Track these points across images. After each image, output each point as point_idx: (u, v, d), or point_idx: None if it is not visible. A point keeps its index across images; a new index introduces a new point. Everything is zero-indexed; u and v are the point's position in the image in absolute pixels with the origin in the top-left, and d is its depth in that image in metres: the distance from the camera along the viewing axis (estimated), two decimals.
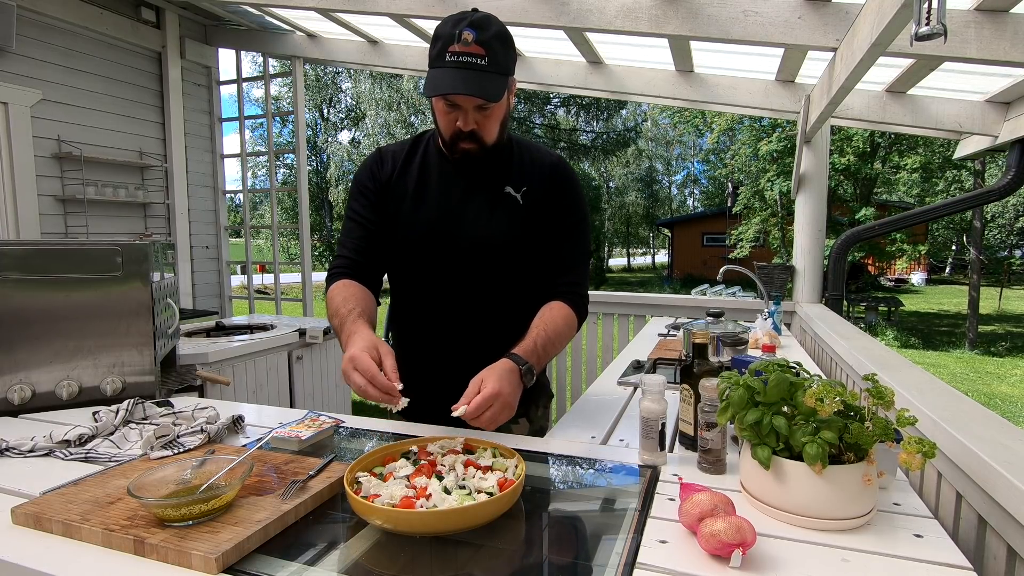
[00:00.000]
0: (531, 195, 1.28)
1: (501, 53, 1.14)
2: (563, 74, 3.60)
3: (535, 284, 1.31)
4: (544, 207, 1.29)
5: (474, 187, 1.28)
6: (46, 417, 1.34)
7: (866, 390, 0.86)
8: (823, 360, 2.37)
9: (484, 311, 1.31)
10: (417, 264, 1.31)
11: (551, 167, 1.32)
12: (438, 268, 1.29)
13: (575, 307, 1.29)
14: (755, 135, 15.95)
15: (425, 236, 1.27)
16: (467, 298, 1.30)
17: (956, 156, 3.31)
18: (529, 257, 1.30)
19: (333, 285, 1.26)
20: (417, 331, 1.36)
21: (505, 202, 1.27)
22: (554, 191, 1.30)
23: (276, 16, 4.06)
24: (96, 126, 3.74)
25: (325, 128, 21.87)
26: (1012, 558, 0.82)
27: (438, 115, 1.21)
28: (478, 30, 1.11)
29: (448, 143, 1.22)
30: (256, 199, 16.65)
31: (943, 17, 1.27)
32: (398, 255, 1.32)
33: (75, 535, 0.79)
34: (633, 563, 0.74)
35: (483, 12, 1.15)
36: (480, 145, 1.20)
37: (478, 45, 1.10)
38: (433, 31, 1.16)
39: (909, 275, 21.40)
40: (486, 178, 1.28)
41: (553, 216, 1.30)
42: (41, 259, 1.36)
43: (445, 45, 1.11)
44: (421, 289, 1.33)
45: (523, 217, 1.27)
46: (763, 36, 2.28)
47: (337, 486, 0.93)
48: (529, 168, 1.30)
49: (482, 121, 1.18)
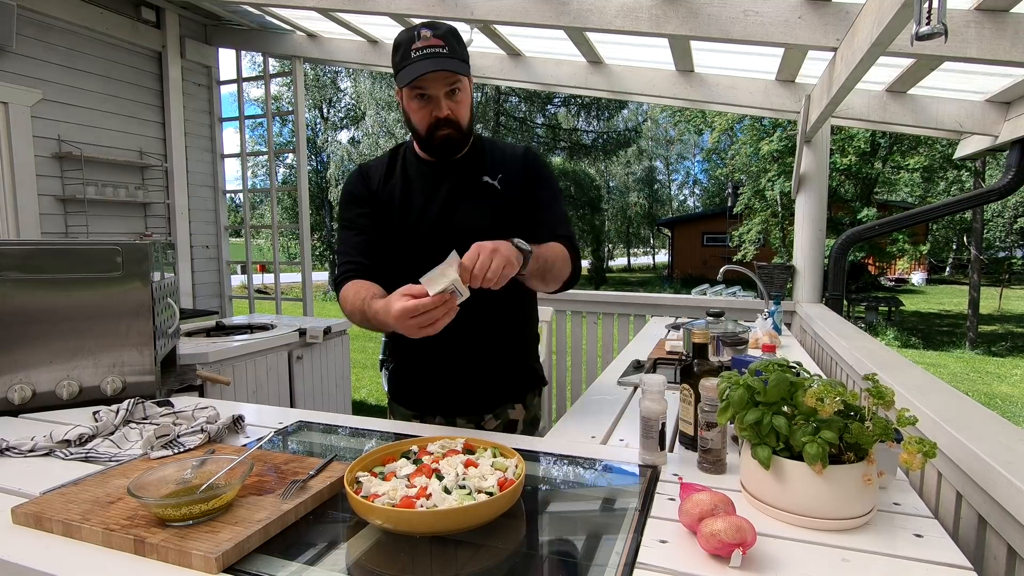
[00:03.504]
0: (507, 181, 1.37)
1: (457, 45, 1.25)
2: (563, 74, 3.60)
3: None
4: (521, 189, 1.37)
5: (455, 184, 1.36)
6: (46, 417, 1.34)
7: (866, 390, 0.86)
8: (823, 360, 2.37)
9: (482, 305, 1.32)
10: (413, 264, 1.32)
11: (523, 154, 1.42)
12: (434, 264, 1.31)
13: (568, 247, 1.34)
14: (756, 135, 15.95)
15: (418, 237, 1.34)
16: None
17: (956, 156, 3.31)
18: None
19: (345, 287, 1.30)
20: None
21: (486, 191, 1.36)
22: (528, 173, 1.39)
23: (276, 16, 4.06)
24: (96, 126, 3.74)
25: (325, 128, 21.87)
26: (1012, 558, 0.82)
27: (412, 113, 1.29)
28: (433, 28, 1.24)
29: (426, 136, 1.30)
30: (256, 199, 16.65)
31: (943, 17, 1.27)
32: (394, 260, 1.36)
33: (75, 535, 0.79)
34: (633, 563, 0.74)
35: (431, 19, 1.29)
36: (457, 129, 1.29)
37: (436, 38, 1.22)
38: (392, 45, 1.28)
39: (909, 275, 21.39)
40: (464, 173, 1.37)
41: (531, 194, 1.38)
42: (41, 259, 1.36)
43: (408, 46, 1.23)
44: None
45: (504, 202, 1.36)
46: (763, 36, 2.28)
47: (337, 486, 0.93)
48: (500, 158, 1.40)
49: (454, 107, 1.27)
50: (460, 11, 2.76)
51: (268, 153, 4.79)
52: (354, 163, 19.10)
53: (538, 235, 1.34)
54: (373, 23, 3.76)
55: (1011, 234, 18.57)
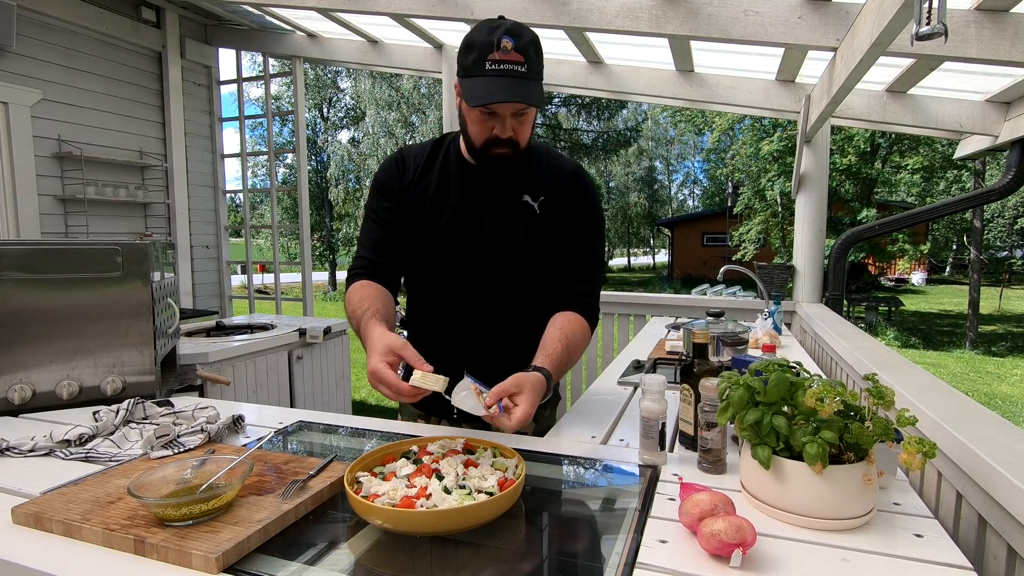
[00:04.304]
0: (548, 204, 1.29)
1: (536, 60, 1.14)
2: (563, 74, 3.60)
3: (549, 291, 1.31)
4: (561, 216, 1.30)
5: (493, 195, 1.28)
6: (46, 417, 1.34)
7: (866, 390, 0.86)
8: (823, 360, 2.37)
9: (499, 317, 1.32)
10: (433, 268, 1.32)
11: (569, 176, 1.32)
12: (454, 273, 1.30)
13: (589, 318, 1.30)
14: (756, 135, 15.95)
15: (443, 242, 1.28)
16: (482, 304, 1.31)
17: (956, 156, 3.31)
18: (545, 265, 1.31)
19: (352, 286, 1.27)
20: (432, 333, 1.38)
21: (523, 211, 1.28)
22: (571, 201, 1.30)
23: (276, 16, 4.06)
24: (96, 126, 3.74)
25: (325, 128, 21.86)
26: (1012, 558, 0.82)
27: (472, 123, 1.20)
28: (515, 38, 1.10)
29: (481, 150, 1.21)
30: (256, 199, 16.64)
31: (943, 17, 1.27)
32: (415, 258, 1.33)
33: (75, 535, 0.79)
34: (633, 563, 0.74)
35: (513, 20, 1.15)
36: (514, 150, 1.20)
37: (517, 52, 1.10)
38: (464, 39, 1.15)
39: (909, 275, 21.39)
40: (505, 186, 1.29)
41: (570, 225, 1.30)
42: (41, 259, 1.36)
43: (484, 53, 1.10)
44: (437, 293, 1.34)
45: (540, 227, 1.28)
46: (763, 36, 2.28)
47: (337, 486, 0.93)
48: (547, 177, 1.31)
49: (518, 127, 1.18)
50: (460, 11, 2.76)
51: (268, 153, 4.79)
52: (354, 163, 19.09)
53: (561, 284, 1.29)
54: (373, 23, 3.76)
55: (1011, 234, 18.58)
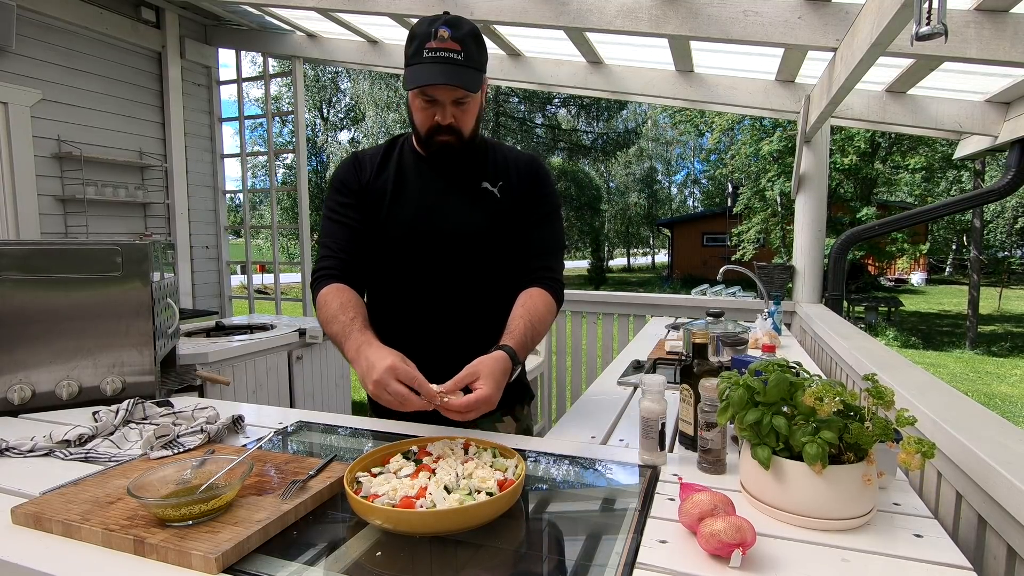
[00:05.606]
0: (507, 189, 1.33)
1: (475, 50, 1.20)
2: (563, 74, 3.60)
3: (513, 274, 1.34)
4: (520, 199, 1.34)
5: (452, 184, 1.32)
6: (46, 417, 1.34)
7: (866, 390, 0.86)
8: (823, 360, 2.37)
9: (465, 304, 1.33)
10: (398, 262, 1.32)
11: (526, 162, 1.37)
12: (420, 264, 1.31)
13: (552, 292, 1.32)
14: (756, 135, 15.95)
15: (407, 234, 1.30)
16: (448, 292, 1.32)
17: (956, 156, 3.31)
18: (507, 249, 1.34)
19: (325, 289, 1.26)
20: (398, 328, 1.35)
21: (483, 197, 1.32)
22: (529, 184, 1.35)
23: (276, 16, 4.06)
24: (96, 126, 3.74)
25: (325, 128, 21.87)
26: (1012, 558, 0.82)
27: (415, 112, 1.25)
28: (453, 28, 1.17)
29: (425, 138, 1.26)
30: (256, 199, 16.64)
31: (943, 17, 1.27)
32: (379, 254, 1.33)
33: (75, 535, 0.79)
34: (633, 563, 0.74)
35: (455, 14, 1.21)
36: (458, 137, 1.24)
37: (453, 41, 1.16)
38: (408, 33, 1.22)
39: (909, 275, 21.39)
40: (463, 175, 1.33)
41: (529, 207, 1.34)
42: (41, 259, 1.36)
43: (422, 42, 1.17)
44: (403, 286, 1.34)
45: (501, 210, 1.32)
46: (763, 36, 2.28)
47: (337, 486, 0.93)
48: (503, 165, 1.35)
49: (459, 115, 1.23)
50: (460, 11, 2.76)
51: (268, 153, 4.79)
52: None
53: (523, 263, 1.33)
54: (373, 23, 3.76)
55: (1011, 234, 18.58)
